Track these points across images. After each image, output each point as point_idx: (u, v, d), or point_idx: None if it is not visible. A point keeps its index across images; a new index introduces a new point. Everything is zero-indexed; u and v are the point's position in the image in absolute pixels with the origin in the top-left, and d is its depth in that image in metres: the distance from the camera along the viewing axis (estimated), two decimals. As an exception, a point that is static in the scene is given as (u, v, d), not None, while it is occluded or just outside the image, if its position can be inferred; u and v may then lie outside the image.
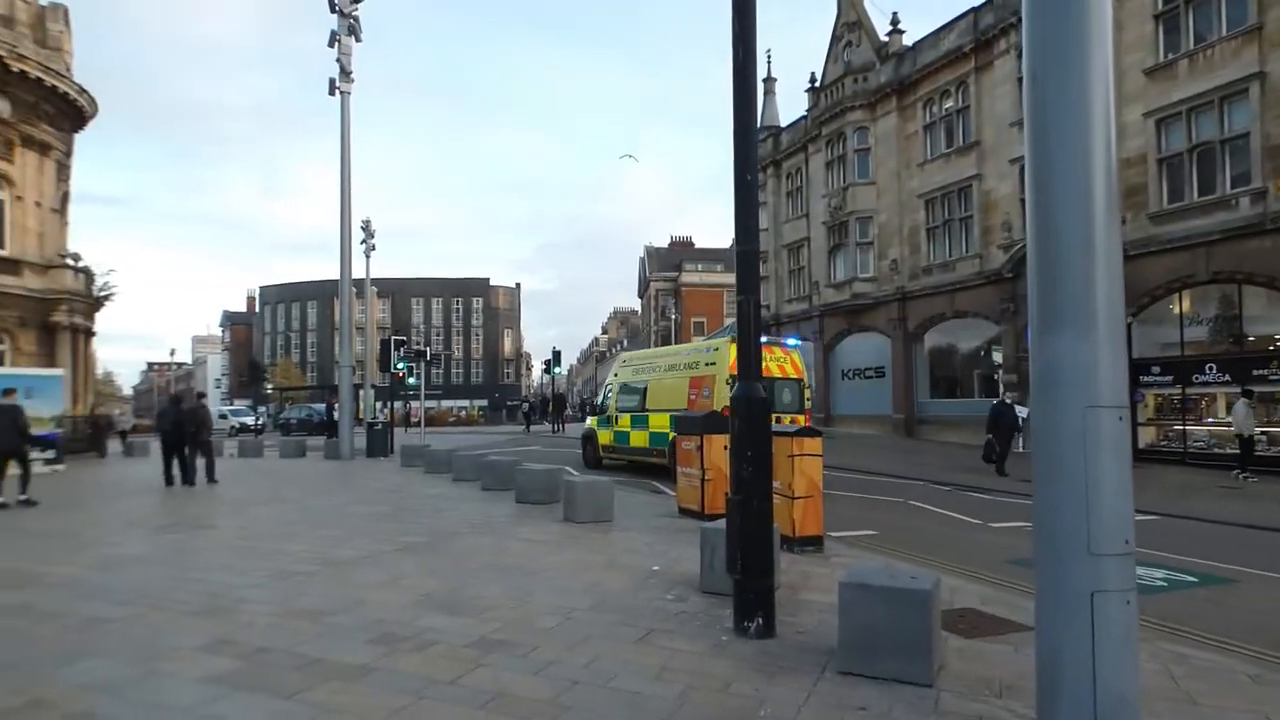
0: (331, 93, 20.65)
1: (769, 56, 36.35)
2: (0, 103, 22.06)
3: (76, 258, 25.15)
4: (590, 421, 19.55)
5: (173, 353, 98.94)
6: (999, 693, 3.95)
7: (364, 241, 33.86)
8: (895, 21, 27.05)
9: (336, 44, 20.29)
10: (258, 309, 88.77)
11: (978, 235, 23.37)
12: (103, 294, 27.04)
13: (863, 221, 27.81)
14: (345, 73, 20.59)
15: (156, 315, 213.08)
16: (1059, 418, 2.76)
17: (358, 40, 20.62)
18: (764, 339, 15.76)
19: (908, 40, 26.74)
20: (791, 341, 16.49)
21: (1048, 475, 2.84)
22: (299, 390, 65.08)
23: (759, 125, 5.10)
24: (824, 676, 4.13)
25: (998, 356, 22.31)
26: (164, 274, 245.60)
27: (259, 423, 44.09)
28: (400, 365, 27.17)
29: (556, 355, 37.86)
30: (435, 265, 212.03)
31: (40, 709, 3.78)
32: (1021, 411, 20.05)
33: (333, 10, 20.13)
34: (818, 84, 30.65)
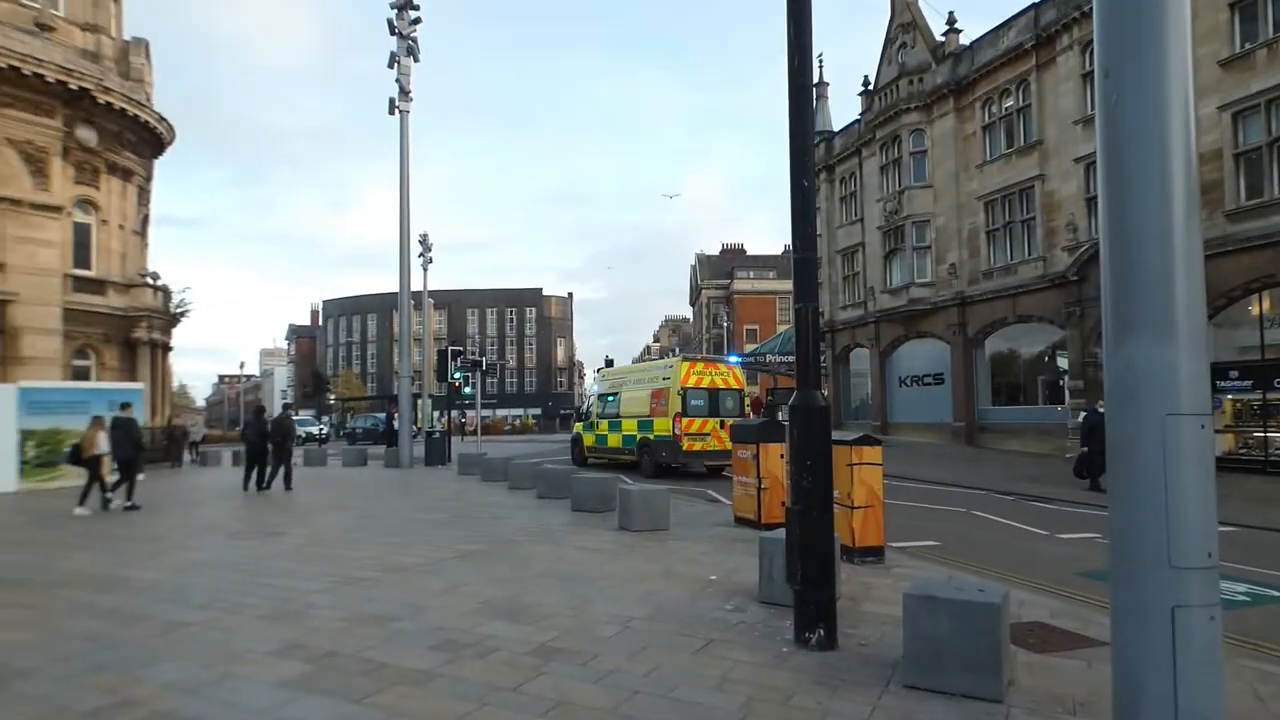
0: (391, 112, 21.30)
1: (820, 61, 36.00)
2: (88, 133, 23.39)
3: (155, 277, 26.43)
4: (577, 427, 22.28)
5: (242, 365, 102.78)
6: (1072, 710, 3.82)
7: (422, 255, 34.71)
8: (951, 21, 26.52)
9: (396, 65, 20.93)
10: (321, 322, 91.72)
11: (1041, 237, 22.67)
12: (179, 311, 28.35)
13: (919, 225, 27.26)
14: (404, 92, 21.21)
15: (227, 330, 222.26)
16: (1136, 426, 2.66)
17: (415, 60, 21.26)
18: (709, 357, 18.42)
19: (965, 40, 26.18)
20: (732, 359, 20.07)
21: (1125, 485, 2.74)
22: (360, 400, 66.99)
23: (813, 131, 5.10)
24: (888, 690, 4.05)
25: (1063, 362, 21.56)
26: (234, 290, 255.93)
27: (323, 432, 45.45)
28: (457, 375, 27.71)
29: (609, 363, 38.06)
30: (489, 276, 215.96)
31: (129, 708, 3.97)
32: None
33: (392, 33, 20.80)
34: (871, 87, 30.26)
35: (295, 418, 20.07)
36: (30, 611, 6.05)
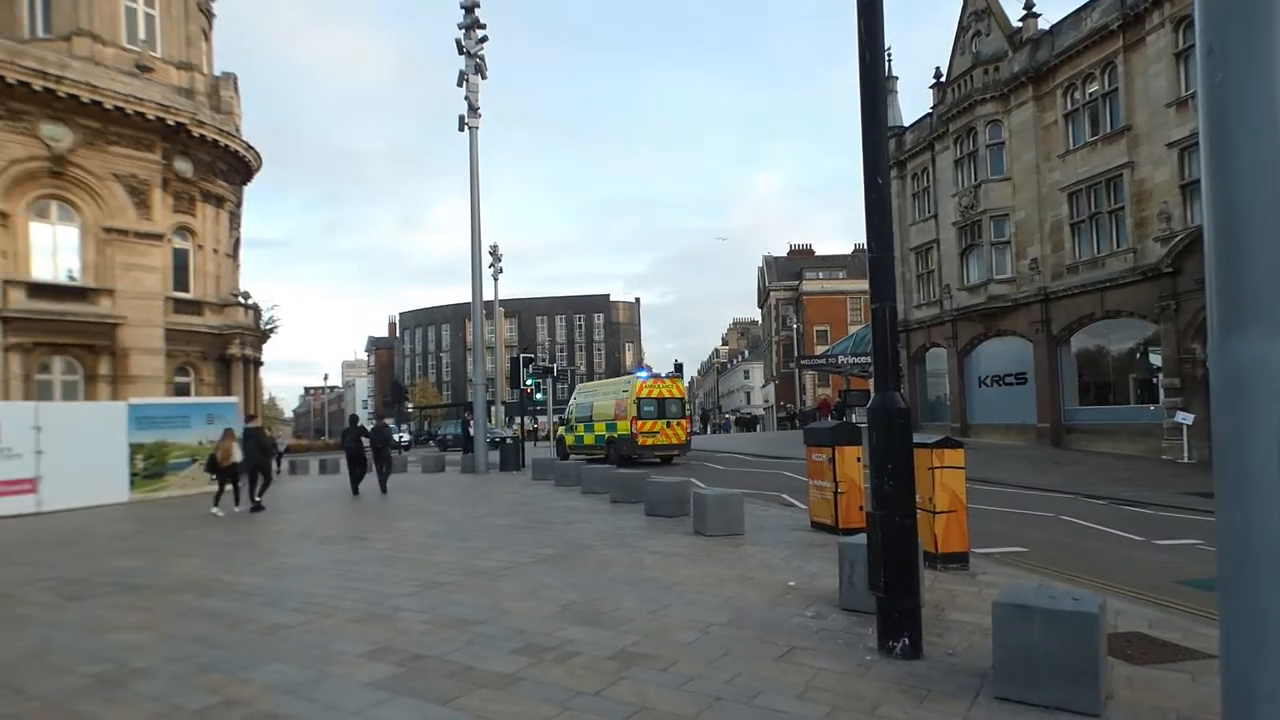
0: (461, 129, 21.89)
1: (889, 55, 35.23)
2: (184, 164, 24.94)
3: (246, 296, 27.89)
4: (560, 429, 27.92)
5: (326, 378, 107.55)
6: (1178, 726, 3.63)
7: (492, 265, 35.59)
8: (1029, 5, 25.49)
9: (465, 84, 21.51)
10: (398, 333, 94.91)
11: (1130, 228, 21.53)
12: (268, 327, 29.86)
13: (997, 220, 26.30)
14: (473, 109, 21.77)
15: (312, 344, 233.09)
16: (1248, 427, 2.50)
17: (483, 78, 21.79)
18: (654, 374, 22.99)
19: (1043, 24, 25.16)
20: (642, 373, 24.95)
21: (1235, 490, 2.58)
22: (436, 409, 68.93)
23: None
24: (978, 702, 3.92)
25: (1156, 359, 20.39)
26: (317, 306, 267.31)
27: (405, 440, 46.79)
28: (529, 382, 28.22)
29: (679, 368, 37.93)
30: (558, 284, 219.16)
31: (233, 706, 4.20)
32: (1186, 418, 18.27)
33: (460, 52, 21.39)
34: (943, 79, 29.42)
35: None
36: (145, 614, 6.46)
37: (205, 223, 26.09)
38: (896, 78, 35.39)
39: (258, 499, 13.99)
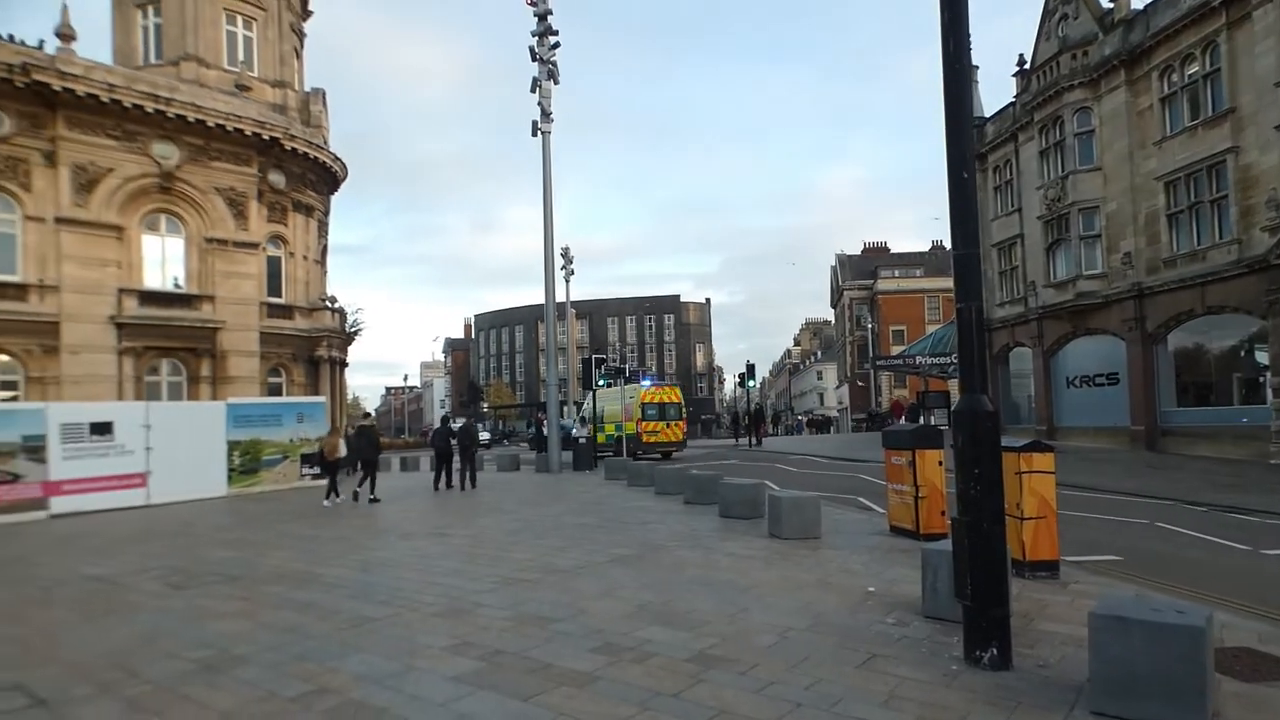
0: (534, 134, 22.23)
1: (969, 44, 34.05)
2: (278, 176, 26.26)
3: (333, 300, 29.13)
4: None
5: (405, 378, 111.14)
6: (1300, 751, 3.39)
7: (564, 267, 36.09)
8: (1119, -15, 24.23)
9: (537, 89, 21.86)
10: (474, 335, 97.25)
11: (1235, 217, 20.14)
12: (353, 330, 31.15)
13: (1087, 213, 25.04)
14: (545, 114, 22.08)
15: (392, 345, 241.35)
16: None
17: (556, 83, 22.09)
18: (654, 382, 32.84)
19: (1136, 3, 23.84)
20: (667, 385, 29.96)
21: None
22: (510, 408, 70.35)
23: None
24: (1072, 715, 3.76)
25: (1263, 356, 19.00)
26: (397, 308, 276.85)
27: (485, 439, 47.76)
28: (601, 382, 28.51)
29: (750, 368, 37.59)
30: (628, 285, 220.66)
31: (325, 694, 4.40)
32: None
33: (533, 59, 21.75)
34: (1027, 66, 28.24)
35: (456, 425, 21.62)
36: (244, 603, 6.83)
37: (296, 231, 27.38)
38: (977, 67, 34.14)
39: (371, 495, 15.06)
